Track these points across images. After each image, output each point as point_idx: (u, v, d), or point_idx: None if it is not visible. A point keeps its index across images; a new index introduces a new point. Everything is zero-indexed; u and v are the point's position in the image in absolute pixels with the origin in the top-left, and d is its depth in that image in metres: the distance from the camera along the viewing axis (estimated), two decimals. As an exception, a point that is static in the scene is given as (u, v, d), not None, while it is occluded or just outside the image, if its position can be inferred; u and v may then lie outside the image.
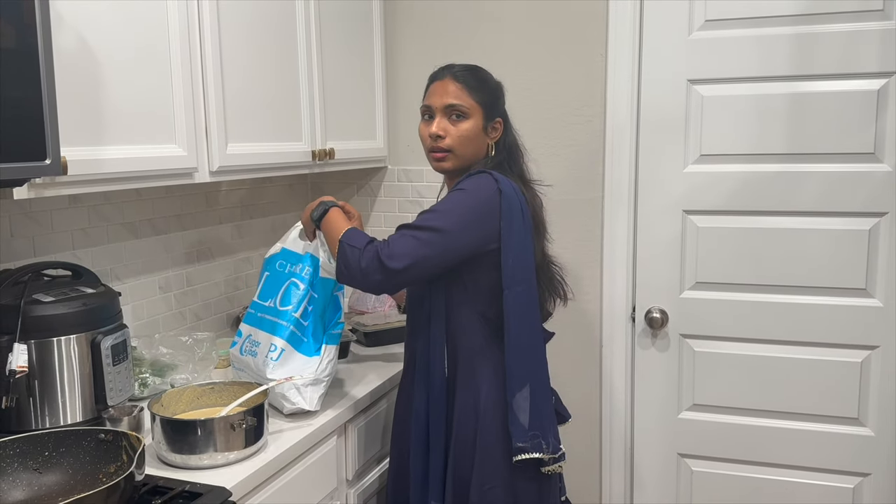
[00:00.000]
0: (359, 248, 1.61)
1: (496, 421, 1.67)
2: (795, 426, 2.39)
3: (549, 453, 1.66)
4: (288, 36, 2.10)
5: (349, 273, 1.63)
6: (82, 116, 1.46)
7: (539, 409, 1.67)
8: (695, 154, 2.37)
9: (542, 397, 1.69)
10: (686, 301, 2.44)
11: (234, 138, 1.88)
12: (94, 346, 1.57)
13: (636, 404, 2.55)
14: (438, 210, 1.65)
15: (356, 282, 1.64)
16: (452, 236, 1.61)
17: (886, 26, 2.15)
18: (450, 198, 1.67)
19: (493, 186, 1.65)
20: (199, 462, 1.49)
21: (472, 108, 1.71)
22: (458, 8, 2.57)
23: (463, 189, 1.66)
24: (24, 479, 1.32)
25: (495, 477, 1.67)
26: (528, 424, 1.64)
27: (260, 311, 1.84)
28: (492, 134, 1.76)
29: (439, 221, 1.61)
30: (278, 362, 1.75)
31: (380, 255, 1.58)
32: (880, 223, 2.23)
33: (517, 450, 1.64)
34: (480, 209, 1.63)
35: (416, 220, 1.64)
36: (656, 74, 2.38)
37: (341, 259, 1.64)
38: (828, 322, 2.31)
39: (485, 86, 1.76)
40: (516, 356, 1.66)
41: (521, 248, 1.66)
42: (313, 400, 1.76)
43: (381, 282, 1.61)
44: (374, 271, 1.59)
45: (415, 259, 1.59)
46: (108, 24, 1.51)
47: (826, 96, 2.22)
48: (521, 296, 1.66)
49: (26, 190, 1.38)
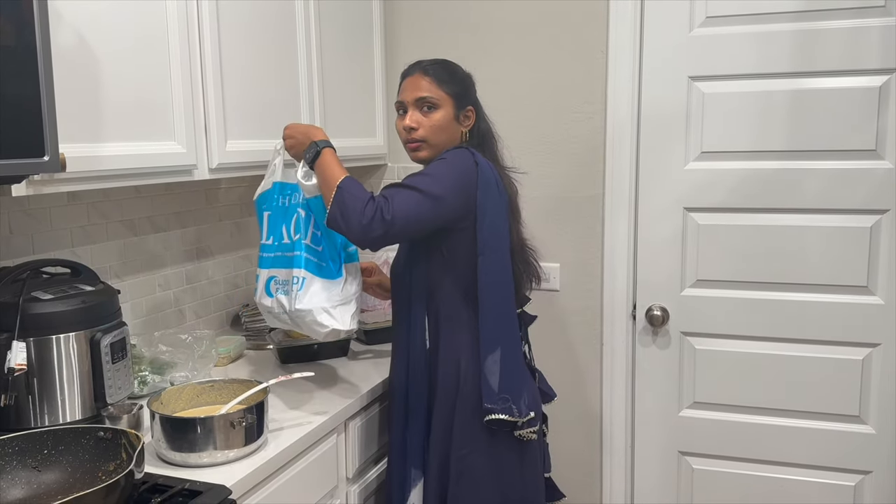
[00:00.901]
0: (361, 200, 1.62)
1: (475, 388, 1.75)
2: (796, 424, 2.38)
3: (518, 416, 1.73)
4: (287, 33, 2.10)
5: (346, 222, 1.63)
6: (81, 113, 1.45)
7: (510, 373, 1.75)
8: (696, 151, 2.37)
9: (512, 361, 1.77)
10: (687, 298, 2.44)
11: (234, 135, 1.88)
12: (93, 343, 1.56)
13: (637, 402, 2.54)
14: (430, 174, 1.71)
15: (352, 232, 1.64)
16: (445, 200, 1.68)
17: (888, 22, 2.14)
18: (435, 164, 1.74)
19: (471, 159, 1.74)
20: (199, 460, 1.48)
21: (442, 99, 1.80)
22: (458, 8, 2.56)
23: (444, 159, 1.75)
24: (23, 478, 1.32)
25: (474, 441, 1.75)
26: (497, 387, 1.73)
27: (271, 251, 1.82)
28: (464, 122, 1.85)
29: (434, 186, 1.68)
30: (303, 291, 1.73)
31: (383, 212, 1.61)
32: (881, 220, 2.23)
33: (486, 410, 1.72)
34: (463, 178, 1.71)
35: (410, 181, 1.69)
36: (657, 71, 2.37)
37: (337, 206, 1.63)
38: (829, 319, 2.31)
39: (454, 77, 1.84)
40: (488, 320, 1.74)
41: (496, 217, 1.75)
42: (346, 320, 1.76)
43: (380, 237, 1.63)
44: (376, 226, 1.61)
45: (413, 218, 1.65)
46: (106, 20, 1.50)
47: (827, 93, 2.22)
48: (494, 263, 1.74)
49: (25, 187, 1.37)
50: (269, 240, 1.83)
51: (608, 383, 2.54)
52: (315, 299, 1.73)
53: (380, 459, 2.08)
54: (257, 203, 1.88)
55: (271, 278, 1.81)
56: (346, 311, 1.77)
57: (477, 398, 1.74)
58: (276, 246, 1.82)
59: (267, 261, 1.83)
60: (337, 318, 1.74)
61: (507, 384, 1.74)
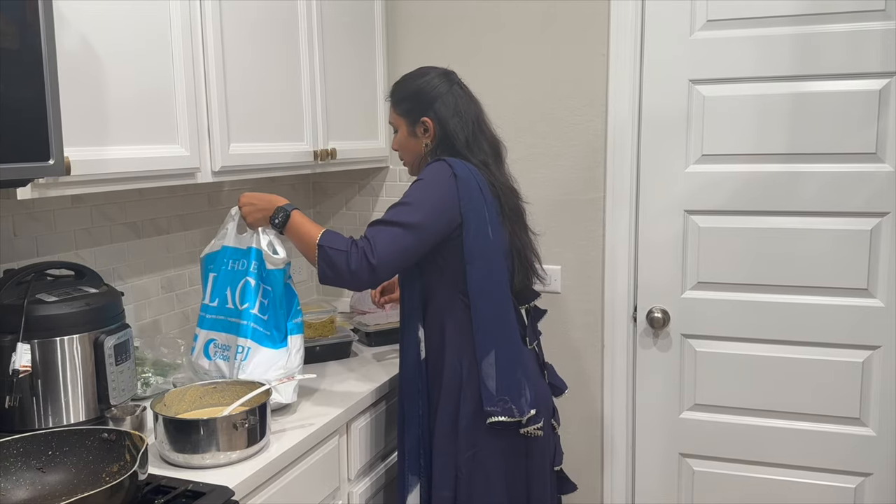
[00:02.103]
0: (344, 251, 1.69)
1: (477, 390, 1.78)
2: (797, 426, 2.39)
3: (519, 416, 1.76)
4: (290, 36, 2.11)
5: (336, 276, 1.71)
6: (85, 117, 1.47)
7: (506, 374, 1.78)
8: (696, 154, 2.37)
9: (508, 362, 1.79)
10: (688, 301, 2.44)
11: (237, 138, 1.89)
12: (97, 345, 1.57)
13: (637, 404, 2.55)
14: (407, 203, 1.74)
15: (344, 283, 1.73)
16: (426, 226, 1.72)
17: (888, 26, 2.15)
18: (413, 189, 1.77)
19: (448, 171, 1.76)
20: (202, 461, 1.49)
21: (396, 121, 1.92)
22: (459, 9, 2.57)
23: (422, 179, 1.78)
24: (27, 479, 1.33)
25: (480, 442, 1.78)
26: (495, 390, 1.76)
27: (213, 313, 1.83)
28: (423, 136, 1.87)
29: (412, 215, 1.71)
30: (247, 361, 1.76)
31: (368, 257, 1.67)
32: (882, 223, 2.23)
33: (487, 413, 1.76)
34: (442, 196, 1.74)
35: (390, 216, 1.73)
36: (658, 74, 2.38)
37: (324, 262, 1.70)
38: (829, 322, 2.31)
39: (403, 94, 1.90)
40: (480, 324, 1.77)
41: (481, 224, 1.77)
42: (288, 393, 1.78)
43: (370, 280, 1.71)
44: (363, 272, 1.68)
45: (398, 254, 1.70)
46: (110, 24, 1.52)
47: (828, 96, 2.22)
48: (482, 269, 1.77)
49: (30, 190, 1.38)
50: (213, 301, 1.83)
51: (609, 385, 2.54)
52: (258, 370, 1.75)
53: (381, 461, 2.09)
54: (204, 262, 1.89)
55: (211, 340, 1.83)
56: (289, 386, 1.78)
57: (479, 400, 1.77)
58: (218, 308, 1.83)
59: (207, 322, 1.84)
60: (281, 392, 1.76)
61: (504, 385, 1.76)
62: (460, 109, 1.86)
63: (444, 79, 1.88)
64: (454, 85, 1.88)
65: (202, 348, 1.83)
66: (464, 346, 1.80)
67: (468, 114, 1.87)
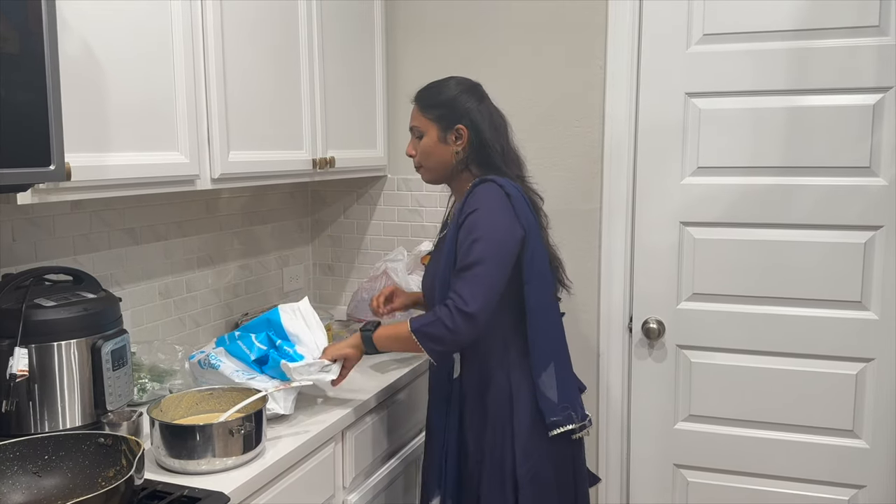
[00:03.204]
0: (435, 320, 1.71)
1: (529, 404, 1.79)
2: (791, 438, 2.40)
3: (579, 422, 1.82)
4: (290, 45, 2.12)
5: (444, 345, 1.74)
6: (86, 123, 1.48)
7: (565, 382, 1.82)
8: (692, 166, 2.39)
9: (565, 372, 1.84)
10: (683, 312, 2.45)
11: (236, 146, 1.90)
12: (94, 350, 1.57)
13: (633, 414, 2.55)
14: (477, 238, 1.72)
15: (454, 345, 1.76)
16: (502, 254, 1.72)
17: (882, 42, 2.17)
18: (477, 222, 1.73)
19: (500, 192, 1.76)
20: (198, 467, 1.49)
21: (424, 125, 1.87)
22: (458, 23, 2.60)
23: (478, 209, 1.74)
24: (23, 483, 1.33)
25: (536, 453, 1.79)
26: (557, 399, 1.79)
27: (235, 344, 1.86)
28: (455, 143, 1.85)
29: (486, 249, 1.71)
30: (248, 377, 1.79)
31: (459, 310, 1.68)
32: (875, 236, 2.25)
33: (552, 424, 1.78)
34: (506, 219, 1.74)
35: (467, 259, 1.72)
36: (655, 87, 2.40)
37: (427, 342, 1.73)
38: (823, 334, 2.33)
39: (437, 99, 1.87)
40: (537, 340, 1.79)
41: (535, 241, 1.79)
42: (288, 404, 1.78)
43: (473, 329, 1.70)
44: (462, 325, 1.68)
45: (487, 291, 1.70)
46: (112, 31, 1.53)
47: (822, 110, 2.25)
48: (539, 287, 1.79)
49: (30, 195, 1.39)
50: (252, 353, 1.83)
51: (604, 395, 2.55)
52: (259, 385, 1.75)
53: (377, 469, 2.09)
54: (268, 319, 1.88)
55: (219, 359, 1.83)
56: (290, 394, 1.78)
57: (532, 413, 1.79)
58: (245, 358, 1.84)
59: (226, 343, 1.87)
60: (279, 402, 1.76)
61: (564, 394, 1.81)
62: (495, 121, 1.87)
63: (477, 90, 1.90)
64: (485, 98, 1.90)
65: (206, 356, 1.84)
66: (512, 362, 1.81)
67: (501, 127, 1.88)
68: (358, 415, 1.94)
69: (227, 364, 1.80)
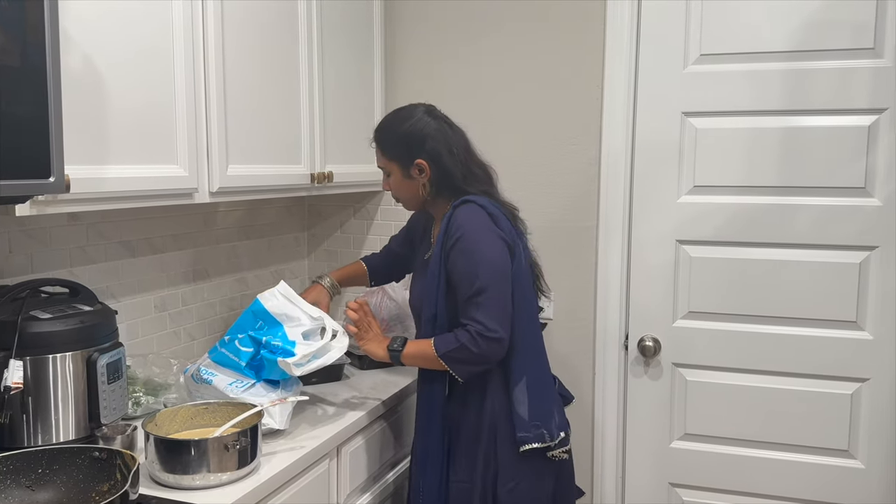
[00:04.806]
0: (460, 345, 1.75)
1: (508, 421, 1.81)
2: (786, 457, 2.39)
3: (550, 440, 1.80)
4: (290, 61, 2.13)
5: (475, 366, 1.79)
6: (86, 135, 1.47)
7: (537, 398, 1.81)
8: (688, 185, 2.40)
9: (538, 386, 1.83)
10: (679, 330, 2.46)
11: (235, 160, 1.90)
12: (89, 363, 1.56)
13: (628, 432, 2.55)
14: (475, 262, 1.76)
15: (486, 366, 1.80)
16: (502, 275, 1.78)
17: (878, 64, 2.19)
18: (467, 248, 1.78)
19: (481, 213, 1.81)
20: (192, 482, 1.48)
21: (388, 166, 1.94)
22: (456, 40, 2.61)
23: (464, 234, 1.78)
24: (16, 497, 1.32)
25: (519, 472, 1.80)
26: (527, 415, 1.80)
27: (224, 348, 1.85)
28: (419, 177, 1.89)
29: (488, 275, 1.76)
30: (243, 389, 1.78)
31: (483, 336, 1.73)
32: (870, 256, 2.26)
33: (521, 440, 1.79)
34: (493, 240, 1.79)
35: (472, 287, 1.75)
36: (651, 106, 2.41)
37: (456, 365, 1.78)
38: (819, 354, 2.33)
39: (393, 138, 1.91)
40: (512, 355, 1.81)
41: (519, 255, 1.83)
42: (283, 419, 1.77)
43: (500, 351, 1.77)
44: (489, 350, 1.75)
45: (503, 310, 1.76)
46: (114, 44, 1.53)
47: (818, 131, 2.26)
48: (518, 298, 1.81)
49: (28, 207, 1.38)
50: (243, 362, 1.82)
51: (600, 413, 2.55)
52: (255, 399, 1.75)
53: (372, 485, 2.08)
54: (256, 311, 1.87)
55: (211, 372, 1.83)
56: (285, 409, 1.78)
57: (511, 430, 1.79)
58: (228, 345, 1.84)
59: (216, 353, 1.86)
60: (275, 417, 1.75)
61: (536, 410, 1.80)
62: (451, 145, 1.88)
63: (429, 116, 1.89)
64: (439, 120, 1.90)
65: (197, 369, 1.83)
66: (495, 378, 1.83)
67: (459, 147, 1.89)
68: (354, 431, 1.93)
69: (220, 377, 1.79)
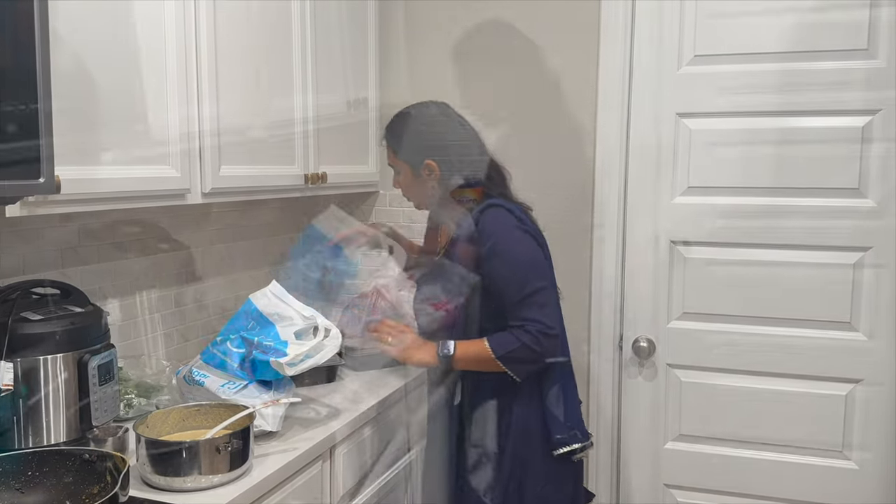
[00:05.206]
0: (521, 345, 1.74)
1: (538, 425, 1.82)
2: (781, 458, 2.39)
3: (583, 442, 1.84)
4: (283, 62, 2.12)
5: (534, 365, 1.78)
6: (77, 136, 1.47)
7: (572, 401, 1.84)
8: (683, 186, 2.40)
9: (570, 391, 1.87)
10: (673, 331, 2.46)
11: (228, 161, 1.89)
12: (80, 365, 1.55)
13: (623, 433, 2.55)
14: (515, 265, 1.78)
15: (543, 364, 1.80)
16: (547, 273, 1.82)
17: (871, 65, 2.20)
18: (506, 251, 1.78)
19: (509, 217, 1.80)
20: (183, 484, 1.47)
21: (399, 165, 1.92)
22: (449, 45, 2.61)
23: (497, 240, 1.77)
24: (6, 499, 1.31)
25: (545, 474, 1.82)
26: (563, 417, 1.82)
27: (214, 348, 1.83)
28: (430, 175, 1.88)
29: (536, 276, 1.78)
30: (235, 390, 1.76)
31: (544, 334, 1.74)
32: (864, 257, 2.26)
33: (557, 442, 1.80)
34: (529, 241, 1.81)
35: (521, 292, 1.76)
36: (646, 107, 2.41)
37: (516, 366, 1.77)
38: (813, 354, 2.33)
39: (402, 139, 1.90)
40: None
41: (547, 254, 1.86)
42: (276, 420, 1.76)
43: (558, 347, 1.81)
44: (549, 347, 1.76)
45: (556, 311, 1.81)
46: (105, 44, 1.52)
47: (812, 132, 2.26)
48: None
49: (19, 208, 1.38)
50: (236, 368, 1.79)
51: (594, 414, 2.54)
52: (248, 401, 1.73)
53: (365, 487, 2.07)
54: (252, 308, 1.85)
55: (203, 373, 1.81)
56: (275, 412, 1.76)
57: (540, 434, 1.81)
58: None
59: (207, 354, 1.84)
60: (267, 419, 1.74)
61: (570, 412, 1.83)
62: (462, 146, 1.86)
63: (441, 114, 1.88)
64: (450, 119, 1.88)
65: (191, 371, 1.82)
66: (515, 384, 1.81)
67: (472, 147, 1.88)
68: (346, 432, 1.93)
69: (212, 378, 1.78)
